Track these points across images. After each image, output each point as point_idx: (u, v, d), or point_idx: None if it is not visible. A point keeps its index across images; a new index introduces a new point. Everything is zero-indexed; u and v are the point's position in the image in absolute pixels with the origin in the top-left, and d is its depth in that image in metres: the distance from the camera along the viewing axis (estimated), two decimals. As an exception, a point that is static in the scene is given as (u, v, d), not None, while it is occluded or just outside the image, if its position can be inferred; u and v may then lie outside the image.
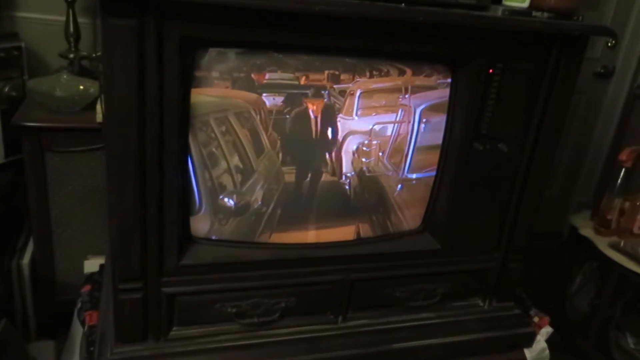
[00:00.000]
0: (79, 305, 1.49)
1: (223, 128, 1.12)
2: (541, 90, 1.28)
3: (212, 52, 1.05)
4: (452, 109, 1.26)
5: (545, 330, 1.55)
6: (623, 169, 2.04)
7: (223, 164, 1.15)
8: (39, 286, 1.88)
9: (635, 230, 2.03)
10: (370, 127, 1.23)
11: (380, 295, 1.38)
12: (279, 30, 1.03)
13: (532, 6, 1.20)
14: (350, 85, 1.16)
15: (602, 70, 2.82)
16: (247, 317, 1.27)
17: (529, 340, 1.53)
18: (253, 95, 1.11)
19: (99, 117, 1.68)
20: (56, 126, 1.70)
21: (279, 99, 1.13)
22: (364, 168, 1.27)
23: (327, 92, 1.16)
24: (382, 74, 1.19)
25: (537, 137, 1.32)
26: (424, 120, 1.26)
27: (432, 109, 1.26)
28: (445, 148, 1.29)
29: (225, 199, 1.18)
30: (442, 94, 1.25)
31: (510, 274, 1.48)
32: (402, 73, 1.20)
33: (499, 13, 1.17)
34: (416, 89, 1.22)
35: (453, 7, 1.14)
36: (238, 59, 1.07)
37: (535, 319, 1.57)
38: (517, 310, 1.54)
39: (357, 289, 1.34)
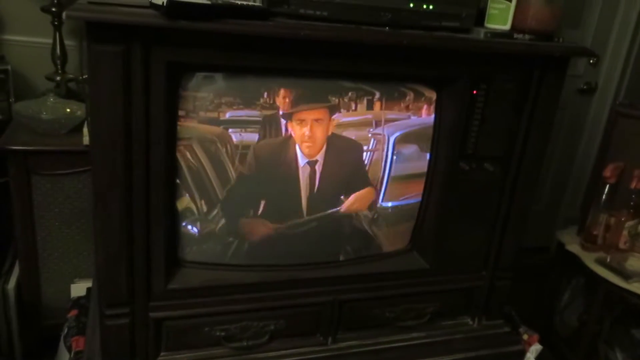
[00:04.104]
0: (65, 330, 1.47)
1: (188, 155, 1.10)
2: (525, 109, 1.30)
3: (199, 76, 1.06)
4: (437, 129, 1.27)
5: (535, 348, 1.55)
6: (607, 185, 2.07)
7: (186, 192, 1.14)
8: (24, 311, 1.85)
9: (621, 245, 2.05)
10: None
11: (369, 315, 1.38)
12: (265, 55, 1.04)
13: (513, 28, 1.23)
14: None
15: (585, 87, 2.87)
16: (236, 340, 1.26)
17: (519, 358, 1.53)
18: (218, 129, 1.10)
19: (86, 139, 1.67)
20: (42, 149, 1.69)
21: (247, 135, 1.12)
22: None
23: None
24: (357, 106, 1.18)
25: (522, 155, 1.34)
26: (398, 149, 1.25)
27: (407, 137, 1.25)
28: (432, 168, 1.30)
29: (189, 227, 1.17)
30: (417, 122, 1.25)
31: (498, 292, 1.48)
32: (373, 105, 1.19)
33: (482, 35, 1.19)
34: (390, 119, 1.22)
35: (436, 30, 1.16)
36: (215, 88, 1.07)
37: (525, 337, 1.58)
38: (506, 328, 1.55)
39: (346, 309, 1.34)
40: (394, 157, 1.26)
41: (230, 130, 1.11)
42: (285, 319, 1.29)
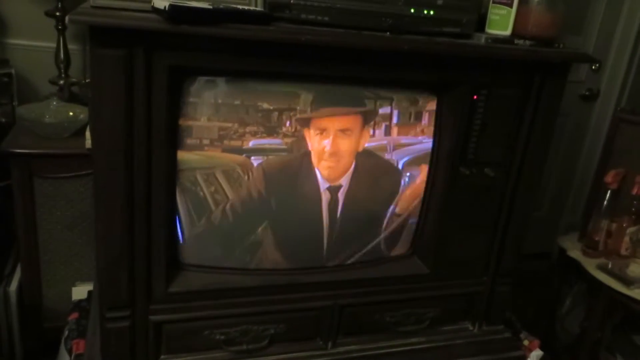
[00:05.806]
0: (66, 333, 1.47)
1: (212, 188, 1.11)
2: (525, 115, 1.30)
3: (201, 80, 1.06)
4: (438, 134, 1.27)
5: (536, 354, 1.55)
6: (609, 191, 2.07)
7: (208, 215, 1.14)
8: (26, 313, 1.86)
9: (623, 251, 2.04)
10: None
11: (369, 320, 1.38)
12: (267, 60, 1.05)
13: (514, 34, 1.23)
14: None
15: (587, 93, 2.87)
16: (236, 344, 1.26)
17: (520, 364, 1.53)
18: (240, 157, 1.10)
19: (89, 143, 1.67)
20: (45, 152, 1.70)
21: (265, 159, 1.11)
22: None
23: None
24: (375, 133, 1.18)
25: (523, 161, 1.34)
26: (407, 173, 1.27)
27: (416, 160, 1.27)
28: (432, 173, 1.30)
29: (189, 231, 1.17)
30: (425, 147, 1.27)
31: (499, 297, 1.48)
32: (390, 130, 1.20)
33: (482, 41, 1.19)
34: (400, 145, 1.23)
35: (437, 36, 1.16)
36: (217, 92, 1.07)
37: (525, 342, 1.57)
38: (507, 333, 1.54)
39: (347, 314, 1.34)
40: (405, 180, 1.27)
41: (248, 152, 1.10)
42: (285, 323, 1.29)
